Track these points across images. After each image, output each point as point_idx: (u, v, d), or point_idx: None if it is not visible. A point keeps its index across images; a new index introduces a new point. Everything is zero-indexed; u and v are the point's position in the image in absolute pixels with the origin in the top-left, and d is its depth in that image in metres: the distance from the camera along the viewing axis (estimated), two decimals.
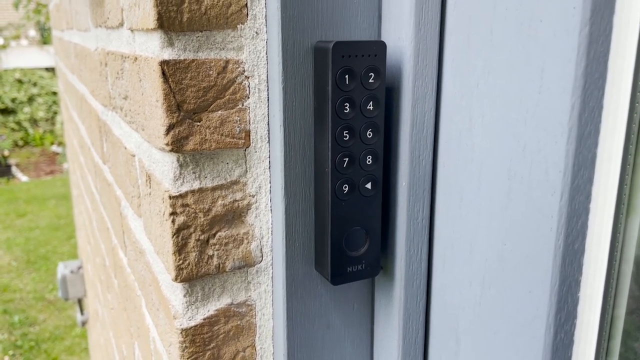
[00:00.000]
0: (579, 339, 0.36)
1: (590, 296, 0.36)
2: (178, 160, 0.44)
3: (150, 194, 0.53)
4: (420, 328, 0.49)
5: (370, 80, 0.43)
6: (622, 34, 0.31)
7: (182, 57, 0.42)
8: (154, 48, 0.44)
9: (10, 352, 3.85)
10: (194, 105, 0.44)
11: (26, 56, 10.68)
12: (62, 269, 2.35)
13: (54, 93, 10.01)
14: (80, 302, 2.48)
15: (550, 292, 0.36)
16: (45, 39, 10.86)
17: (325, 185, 0.44)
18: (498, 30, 0.37)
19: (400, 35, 0.44)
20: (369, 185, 0.45)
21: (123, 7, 0.55)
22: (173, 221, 0.45)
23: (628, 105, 0.32)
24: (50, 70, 10.40)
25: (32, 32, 11.02)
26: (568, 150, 0.33)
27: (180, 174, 0.45)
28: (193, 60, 0.43)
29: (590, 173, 0.34)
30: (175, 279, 0.46)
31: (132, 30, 0.52)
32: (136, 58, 0.50)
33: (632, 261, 0.34)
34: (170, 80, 0.42)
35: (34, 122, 10.01)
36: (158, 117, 0.44)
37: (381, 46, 0.43)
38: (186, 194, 0.45)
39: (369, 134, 0.44)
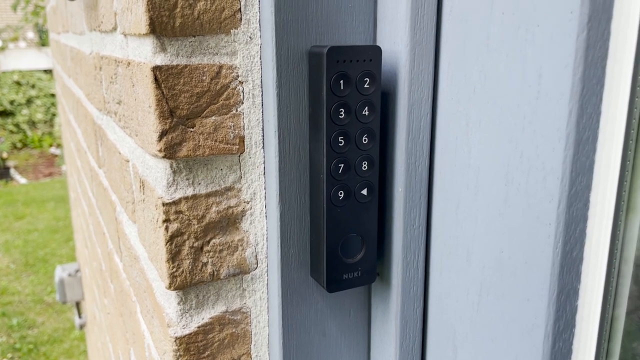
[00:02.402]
0: (577, 348, 0.36)
1: (589, 304, 0.35)
2: (171, 166, 0.44)
3: (144, 200, 0.52)
4: (418, 335, 0.49)
5: (366, 86, 0.42)
6: (620, 39, 0.31)
7: (174, 63, 0.42)
8: (146, 53, 0.43)
9: (9, 355, 3.84)
10: (187, 111, 0.43)
11: (24, 58, 10.66)
12: (60, 272, 2.34)
13: (52, 95, 9.99)
14: (78, 305, 2.47)
15: (549, 301, 0.35)
16: (43, 41, 10.85)
17: (321, 192, 0.44)
18: (494, 34, 0.37)
19: (395, 39, 0.43)
20: (364, 192, 0.45)
21: (116, 11, 0.54)
22: (166, 228, 0.45)
23: (626, 111, 0.32)
24: (49, 72, 10.39)
25: (30, 34, 11.01)
26: (566, 156, 0.33)
27: (174, 180, 0.44)
28: (186, 66, 0.42)
29: (589, 180, 0.33)
30: (169, 287, 0.46)
31: (125, 35, 0.51)
32: (129, 63, 0.50)
33: (632, 262, 0.34)
34: (162, 85, 0.42)
35: (32, 124, 10.00)
36: (151, 123, 0.43)
37: (376, 51, 0.42)
38: (180, 200, 0.45)
39: (365, 140, 0.44)
